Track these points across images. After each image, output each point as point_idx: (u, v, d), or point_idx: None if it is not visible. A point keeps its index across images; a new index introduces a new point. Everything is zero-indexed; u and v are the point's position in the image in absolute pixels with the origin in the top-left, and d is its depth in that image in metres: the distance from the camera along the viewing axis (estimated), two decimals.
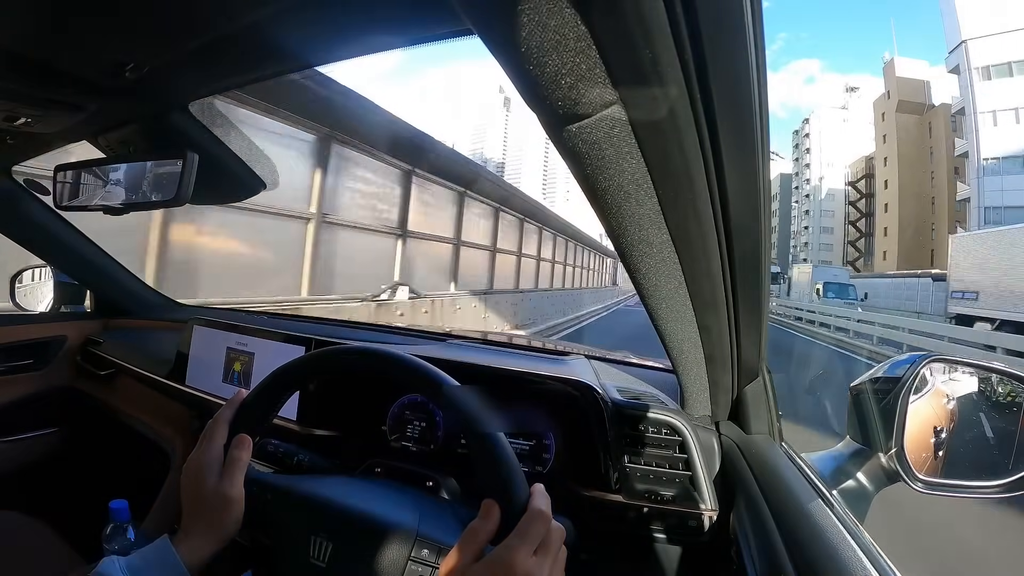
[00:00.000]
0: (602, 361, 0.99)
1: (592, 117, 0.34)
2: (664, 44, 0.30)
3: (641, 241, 0.47)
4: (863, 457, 0.71)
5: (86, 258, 1.41)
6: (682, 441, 0.70)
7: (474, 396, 0.53)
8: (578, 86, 0.32)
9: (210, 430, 0.56)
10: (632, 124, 0.35)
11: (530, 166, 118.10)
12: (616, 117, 0.35)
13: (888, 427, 0.67)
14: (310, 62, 0.65)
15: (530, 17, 0.29)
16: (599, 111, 0.34)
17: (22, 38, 0.59)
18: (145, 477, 1.20)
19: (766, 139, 0.40)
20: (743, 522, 0.59)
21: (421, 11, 0.52)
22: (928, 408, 0.74)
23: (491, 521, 0.45)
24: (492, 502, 0.46)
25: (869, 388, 0.73)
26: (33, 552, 1.08)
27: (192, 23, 0.56)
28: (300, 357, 0.62)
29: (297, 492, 0.58)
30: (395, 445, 0.85)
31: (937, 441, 0.73)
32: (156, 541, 0.51)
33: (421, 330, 1.34)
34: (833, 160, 50.91)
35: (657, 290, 0.55)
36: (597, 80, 0.32)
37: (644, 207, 0.42)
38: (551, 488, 0.63)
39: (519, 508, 0.46)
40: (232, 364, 1.05)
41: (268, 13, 0.53)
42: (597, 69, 0.31)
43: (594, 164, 0.38)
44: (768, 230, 0.50)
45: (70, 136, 0.90)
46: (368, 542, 0.52)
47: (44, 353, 1.41)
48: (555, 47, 0.30)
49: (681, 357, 0.67)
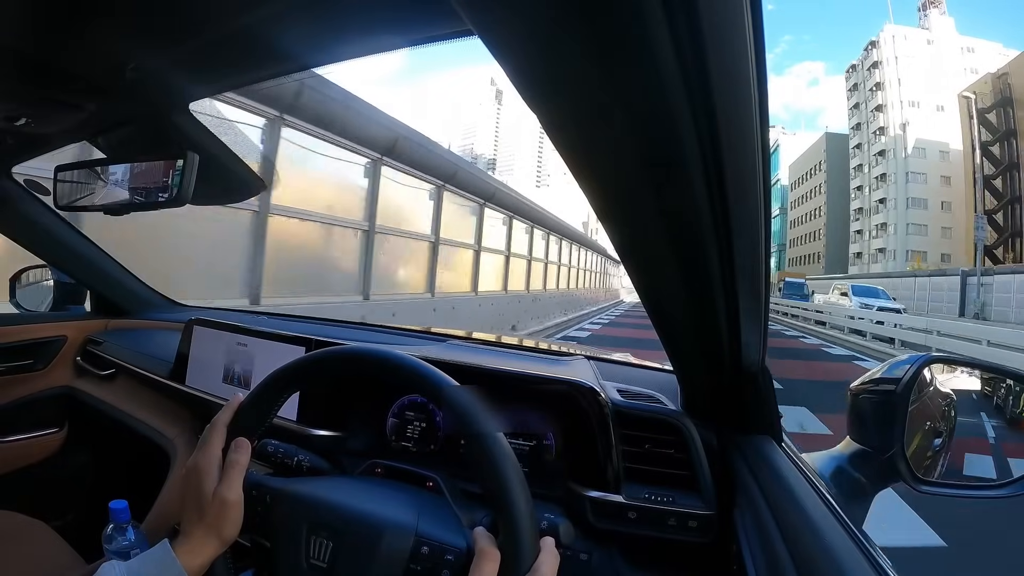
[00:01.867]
0: (602, 361, 0.99)
1: (592, 117, 0.35)
2: (664, 44, 0.30)
3: (641, 242, 0.47)
4: (863, 457, 0.71)
5: (86, 258, 1.41)
6: (682, 441, 0.70)
7: (474, 397, 0.53)
8: (578, 86, 0.32)
9: (208, 434, 0.56)
10: (632, 124, 0.35)
11: (523, 159, 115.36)
12: (616, 118, 0.35)
13: (888, 427, 0.67)
14: (310, 63, 0.65)
15: (530, 17, 0.29)
16: (599, 111, 0.34)
17: (22, 38, 0.59)
18: (145, 477, 1.20)
19: (766, 139, 0.40)
20: (743, 522, 0.59)
21: (421, 11, 0.52)
22: (928, 408, 0.74)
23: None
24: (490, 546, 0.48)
25: (869, 388, 0.73)
26: (33, 552, 1.08)
27: (192, 23, 0.56)
28: (299, 359, 0.62)
29: (297, 493, 0.58)
30: (395, 445, 0.85)
31: (937, 441, 0.73)
32: (156, 546, 0.51)
33: (421, 330, 1.34)
34: (919, 98, 33.70)
35: (657, 290, 0.55)
36: (596, 80, 0.32)
37: (644, 208, 0.43)
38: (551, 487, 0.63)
39: (524, 533, 0.48)
40: (232, 364, 1.05)
41: (268, 13, 0.53)
42: (595, 68, 0.31)
43: (594, 164, 0.38)
44: (768, 230, 0.50)
45: (70, 136, 0.90)
46: (368, 542, 0.52)
47: (44, 353, 1.41)
48: (555, 47, 0.30)
49: (681, 357, 0.68)
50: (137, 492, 1.00)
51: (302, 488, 0.59)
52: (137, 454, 1.29)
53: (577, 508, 0.69)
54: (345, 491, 0.60)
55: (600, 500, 0.69)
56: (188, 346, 1.13)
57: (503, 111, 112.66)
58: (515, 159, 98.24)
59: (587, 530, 0.68)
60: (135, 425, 1.28)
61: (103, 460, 1.45)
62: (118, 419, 1.32)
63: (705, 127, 0.36)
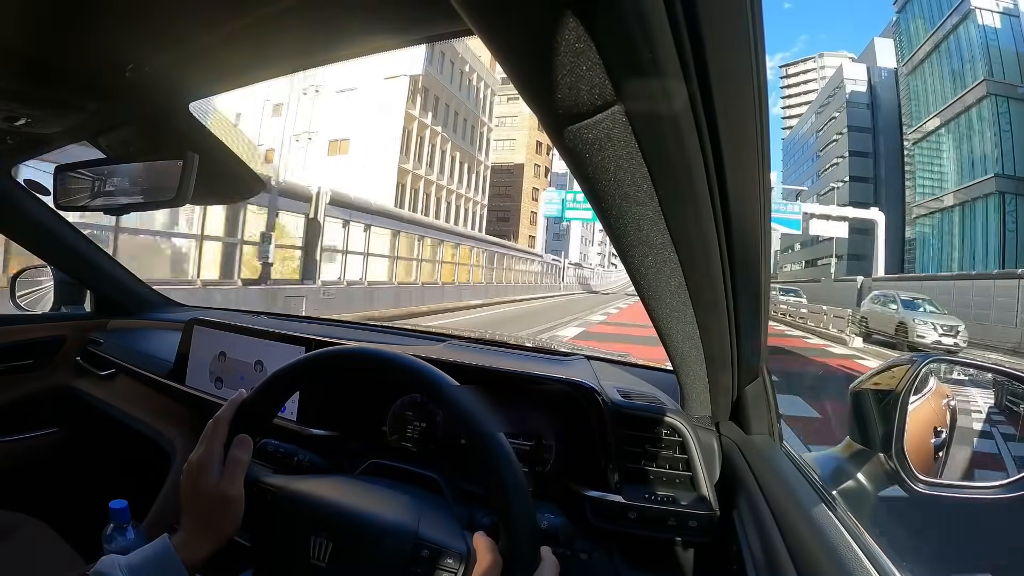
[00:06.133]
0: (602, 361, 0.99)
1: (592, 117, 0.35)
2: (664, 44, 0.30)
3: (641, 241, 0.47)
4: (863, 457, 0.71)
5: (86, 258, 1.41)
6: (682, 441, 0.70)
7: (474, 397, 0.53)
8: (578, 86, 0.32)
9: (210, 430, 0.56)
10: (632, 124, 0.35)
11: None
12: (616, 117, 0.35)
13: (888, 427, 0.67)
14: (310, 62, 0.65)
15: (530, 17, 0.29)
16: (599, 111, 0.34)
17: (22, 38, 0.59)
18: (145, 477, 1.20)
19: (766, 139, 0.40)
20: (744, 522, 0.59)
21: (421, 11, 0.52)
22: (928, 408, 0.73)
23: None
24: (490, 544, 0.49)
25: (869, 388, 0.73)
26: (33, 552, 1.08)
27: (192, 23, 0.56)
28: (300, 358, 0.62)
29: (297, 492, 0.58)
30: (395, 445, 0.85)
31: (937, 441, 0.73)
32: (155, 541, 0.51)
33: (421, 330, 1.34)
34: None
35: (657, 290, 0.55)
36: (597, 80, 0.32)
37: (644, 207, 0.43)
38: (551, 487, 0.63)
39: (524, 534, 0.48)
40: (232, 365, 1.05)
41: (268, 13, 0.53)
42: (597, 69, 0.31)
43: (594, 164, 0.38)
44: (768, 230, 0.50)
45: (70, 136, 0.90)
46: (368, 542, 0.52)
47: (44, 353, 1.41)
48: (555, 47, 0.30)
49: (681, 357, 0.67)
50: (137, 492, 1.00)
51: (303, 487, 0.59)
52: (137, 454, 1.29)
53: (577, 508, 0.69)
54: (345, 491, 0.60)
55: (600, 500, 0.69)
56: (188, 346, 1.13)
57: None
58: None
59: (587, 530, 0.68)
60: (135, 425, 1.28)
61: (103, 460, 1.45)
62: (118, 419, 1.32)
63: (706, 127, 0.36)
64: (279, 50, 0.62)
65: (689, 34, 0.30)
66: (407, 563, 0.51)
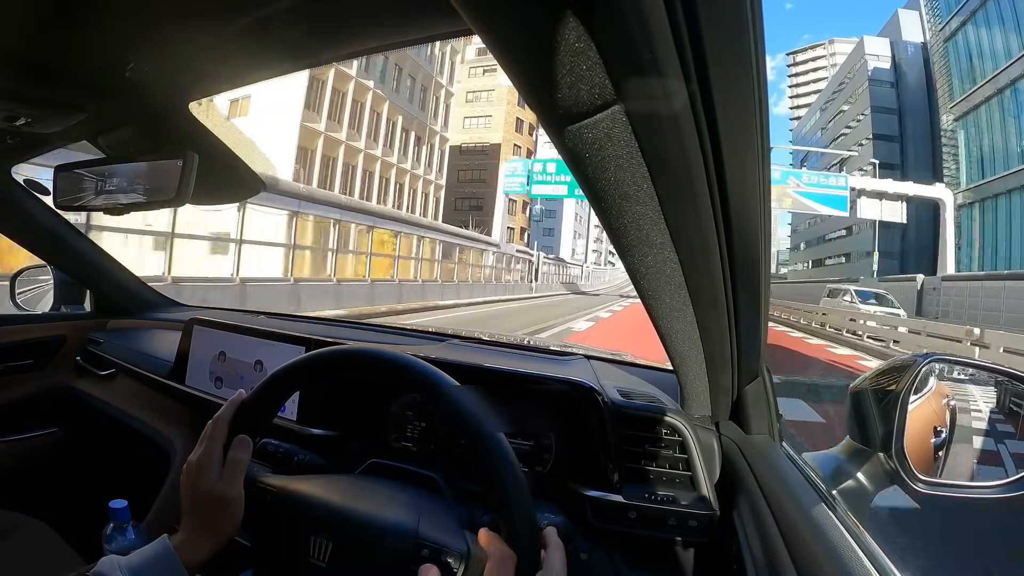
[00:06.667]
0: (602, 361, 0.99)
1: (592, 117, 0.34)
2: (664, 44, 0.30)
3: (641, 241, 0.47)
4: (863, 457, 0.71)
5: (86, 258, 1.41)
6: (682, 441, 0.70)
7: (474, 397, 0.53)
8: (578, 86, 0.32)
9: (210, 430, 0.56)
10: (632, 124, 0.35)
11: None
12: (616, 117, 0.35)
13: (888, 427, 0.67)
14: (310, 62, 0.65)
15: (530, 17, 0.29)
16: (599, 111, 0.34)
17: (22, 38, 0.59)
18: (145, 477, 1.20)
19: (766, 139, 0.40)
20: (744, 522, 0.59)
21: (421, 11, 0.52)
22: (928, 408, 0.73)
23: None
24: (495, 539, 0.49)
25: (869, 388, 0.73)
26: (33, 552, 1.08)
27: (192, 23, 0.56)
28: (300, 358, 0.62)
29: (297, 492, 0.58)
30: (395, 445, 0.85)
31: (937, 441, 0.73)
32: (155, 541, 0.51)
33: (421, 330, 1.34)
34: None
35: (657, 290, 0.55)
36: (597, 80, 0.32)
37: (644, 207, 0.43)
38: (551, 487, 0.63)
39: (524, 533, 0.48)
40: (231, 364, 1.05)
41: (268, 13, 0.53)
42: (597, 69, 0.31)
43: (594, 164, 0.38)
44: (768, 229, 0.50)
45: (70, 136, 0.90)
46: (368, 542, 0.52)
47: (44, 353, 1.41)
48: (555, 47, 0.30)
49: (681, 357, 0.68)
50: (137, 492, 1.00)
51: (303, 487, 0.59)
52: (137, 454, 1.29)
53: (577, 508, 0.69)
54: (345, 491, 0.60)
55: (600, 500, 0.69)
56: (188, 346, 1.13)
57: None
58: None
59: (587, 530, 0.68)
60: (135, 425, 1.28)
61: (103, 460, 1.45)
62: (118, 419, 1.32)
63: (706, 127, 0.36)
64: (279, 50, 0.62)
65: (689, 34, 0.30)
66: (407, 563, 0.51)
